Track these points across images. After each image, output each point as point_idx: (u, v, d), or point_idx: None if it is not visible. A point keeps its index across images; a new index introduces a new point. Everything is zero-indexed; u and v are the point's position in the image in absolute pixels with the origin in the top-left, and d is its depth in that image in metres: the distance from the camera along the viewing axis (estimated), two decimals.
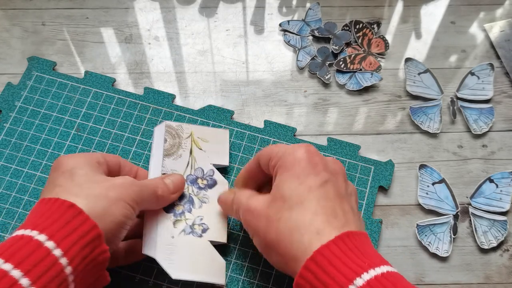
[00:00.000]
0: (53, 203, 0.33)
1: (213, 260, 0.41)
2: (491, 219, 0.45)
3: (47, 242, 0.30)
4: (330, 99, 0.52)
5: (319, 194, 0.34)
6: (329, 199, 0.34)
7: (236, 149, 0.48)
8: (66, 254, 0.31)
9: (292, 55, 0.54)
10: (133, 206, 0.36)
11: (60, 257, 0.30)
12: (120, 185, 0.36)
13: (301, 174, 0.35)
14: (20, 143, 0.47)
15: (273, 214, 0.35)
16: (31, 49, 0.53)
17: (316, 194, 0.34)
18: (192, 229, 0.42)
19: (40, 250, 0.30)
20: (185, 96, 0.51)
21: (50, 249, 0.30)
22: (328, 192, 0.34)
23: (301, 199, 0.34)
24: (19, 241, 0.30)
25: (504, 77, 0.53)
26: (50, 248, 0.30)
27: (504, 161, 0.49)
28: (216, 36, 0.55)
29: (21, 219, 0.44)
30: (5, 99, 0.50)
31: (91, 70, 0.52)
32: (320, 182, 0.35)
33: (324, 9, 0.57)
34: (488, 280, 0.43)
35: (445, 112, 0.51)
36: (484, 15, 0.57)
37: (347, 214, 0.34)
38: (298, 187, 0.34)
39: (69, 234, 0.31)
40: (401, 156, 0.49)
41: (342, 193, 0.35)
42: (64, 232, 0.31)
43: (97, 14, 0.56)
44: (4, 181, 0.46)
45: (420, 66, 0.53)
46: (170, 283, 0.42)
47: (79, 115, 0.49)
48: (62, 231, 0.31)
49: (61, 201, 0.33)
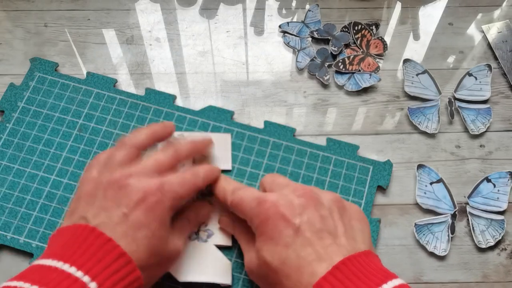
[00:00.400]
0: (103, 243, 0.33)
1: (219, 261, 0.42)
2: (488, 219, 0.46)
3: (91, 284, 0.30)
4: (329, 100, 0.52)
5: (298, 244, 0.34)
6: (309, 243, 0.34)
7: (236, 150, 0.48)
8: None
9: (292, 56, 0.55)
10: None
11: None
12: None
13: (275, 234, 0.35)
14: (23, 143, 0.48)
15: (265, 279, 0.36)
16: (33, 50, 0.54)
17: (295, 248, 0.34)
18: (197, 235, 0.43)
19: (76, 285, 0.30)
20: (186, 97, 0.52)
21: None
22: (305, 238, 0.34)
23: (282, 260, 0.34)
24: (59, 276, 0.30)
25: (501, 78, 0.54)
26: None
27: (501, 161, 0.49)
28: (216, 37, 0.55)
29: (23, 219, 0.45)
30: (8, 99, 0.50)
31: (93, 71, 0.52)
32: (293, 231, 0.34)
33: (323, 10, 0.57)
34: (485, 279, 0.44)
35: (443, 112, 0.51)
36: (481, 16, 0.57)
37: (331, 246, 0.34)
38: (275, 249, 0.35)
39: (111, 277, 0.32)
40: (400, 156, 0.49)
41: (321, 225, 0.35)
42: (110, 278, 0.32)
43: (99, 15, 0.56)
44: (7, 181, 0.46)
45: (418, 67, 0.53)
46: (171, 283, 0.42)
47: (81, 115, 0.49)
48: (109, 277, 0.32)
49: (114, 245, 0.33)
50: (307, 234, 0.34)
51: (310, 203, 0.36)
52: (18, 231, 0.44)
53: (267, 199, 0.36)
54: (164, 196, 0.36)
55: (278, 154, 0.48)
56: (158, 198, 0.36)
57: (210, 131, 0.49)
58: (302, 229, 0.34)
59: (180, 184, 0.38)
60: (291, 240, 0.34)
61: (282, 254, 0.34)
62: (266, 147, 0.48)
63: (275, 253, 0.34)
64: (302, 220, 0.35)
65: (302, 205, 0.36)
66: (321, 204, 0.36)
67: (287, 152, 0.48)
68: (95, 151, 0.48)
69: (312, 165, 0.48)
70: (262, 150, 0.48)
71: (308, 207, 0.36)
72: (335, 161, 0.48)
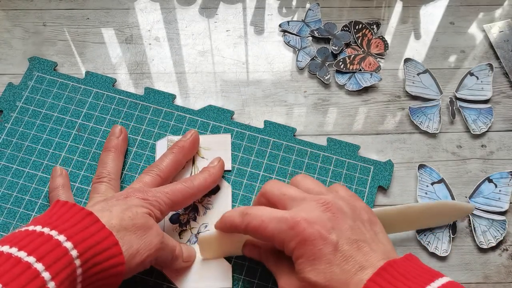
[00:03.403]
0: (70, 207, 0.34)
1: (219, 265, 0.42)
2: (490, 219, 0.46)
3: (65, 243, 0.32)
4: (330, 100, 0.52)
5: (340, 259, 0.34)
6: (349, 256, 0.34)
7: (236, 150, 0.48)
8: (80, 256, 0.32)
9: (292, 55, 0.54)
10: (155, 257, 0.38)
11: (75, 258, 0.32)
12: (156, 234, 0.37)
13: (316, 254, 0.34)
14: (21, 143, 0.48)
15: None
16: (32, 49, 0.53)
17: (338, 263, 0.34)
18: (197, 238, 0.43)
19: (59, 249, 0.31)
20: (186, 97, 0.51)
21: (68, 249, 0.31)
22: (345, 251, 0.34)
23: (328, 277, 0.34)
24: (39, 237, 0.31)
25: (503, 78, 0.53)
26: (68, 248, 0.31)
27: (503, 161, 0.49)
28: (216, 36, 0.55)
29: (22, 219, 0.44)
30: (6, 99, 0.50)
31: (92, 70, 0.52)
32: (333, 247, 0.34)
33: (324, 9, 0.57)
34: (487, 279, 0.44)
35: (444, 112, 0.51)
36: (483, 15, 0.57)
37: (369, 254, 0.34)
38: (319, 268, 0.34)
39: (86, 238, 0.33)
40: (401, 156, 0.49)
41: (355, 236, 0.35)
42: (81, 235, 0.33)
43: (98, 14, 0.56)
44: (5, 181, 0.46)
45: (419, 67, 0.53)
46: (170, 283, 0.42)
47: (80, 115, 0.49)
48: (81, 234, 0.33)
49: (80, 208, 0.34)
50: (346, 247, 0.34)
51: (338, 215, 0.36)
52: None
53: (298, 219, 0.35)
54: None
55: (278, 154, 0.48)
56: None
57: (210, 131, 0.49)
58: (340, 244, 0.34)
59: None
60: (333, 256, 0.34)
61: (327, 272, 0.34)
62: (266, 147, 0.48)
63: (320, 272, 0.34)
64: (337, 234, 0.35)
65: (330, 219, 0.35)
66: (346, 215, 0.36)
67: (287, 152, 0.48)
68: (94, 151, 0.47)
69: (313, 165, 0.47)
70: (262, 150, 0.48)
71: (337, 220, 0.35)
72: (335, 161, 0.48)
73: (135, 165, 0.47)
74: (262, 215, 0.36)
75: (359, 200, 0.39)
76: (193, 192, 0.41)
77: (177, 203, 0.40)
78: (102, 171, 0.43)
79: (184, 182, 0.41)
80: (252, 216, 0.37)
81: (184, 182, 0.41)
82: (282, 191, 0.38)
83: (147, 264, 0.37)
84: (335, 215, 0.36)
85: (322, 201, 0.36)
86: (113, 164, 0.44)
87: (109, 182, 0.42)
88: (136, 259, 0.35)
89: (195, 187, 0.41)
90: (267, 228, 0.36)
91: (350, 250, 0.34)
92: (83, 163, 0.47)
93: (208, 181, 0.43)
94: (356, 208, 0.37)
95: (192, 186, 0.41)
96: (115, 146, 0.45)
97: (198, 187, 0.42)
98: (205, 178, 0.43)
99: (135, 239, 0.35)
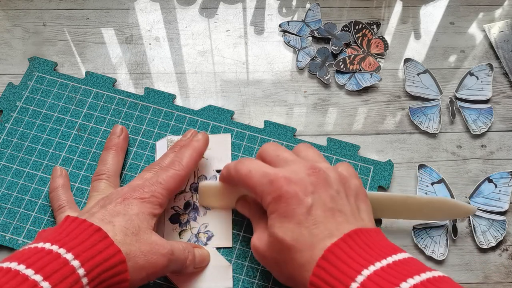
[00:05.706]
0: (79, 224, 0.35)
1: (219, 265, 0.42)
2: (490, 219, 0.46)
3: (73, 261, 0.32)
4: (330, 100, 0.52)
5: (311, 222, 0.34)
6: (321, 221, 0.34)
7: (236, 150, 0.48)
8: (88, 274, 0.32)
9: (292, 55, 0.54)
10: (163, 271, 0.38)
11: (82, 276, 0.32)
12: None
13: (288, 212, 0.35)
14: (21, 143, 0.48)
15: (275, 256, 0.36)
16: (32, 49, 0.53)
17: (307, 225, 0.34)
18: (197, 238, 0.43)
19: (67, 268, 0.31)
20: (186, 97, 0.51)
21: (75, 267, 0.32)
22: (317, 216, 0.35)
23: (295, 237, 0.34)
24: (47, 255, 0.32)
25: (503, 78, 0.53)
26: (75, 267, 0.32)
27: (503, 161, 0.49)
28: (216, 36, 0.55)
29: (22, 219, 0.44)
30: (6, 99, 0.50)
31: (92, 70, 0.52)
32: (306, 210, 0.35)
33: (324, 9, 0.57)
34: (487, 279, 0.44)
35: (444, 112, 0.51)
36: (483, 15, 0.57)
37: (342, 224, 0.35)
38: (288, 226, 0.35)
39: (93, 256, 0.33)
40: (401, 156, 0.49)
41: (332, 204, 0.35)
42: (89, 253, 0.33)
43: (98, 14, 0.56)
44: (5, 181, 0.46)
45: (419, 67, 0.53)
46: (170, 283, 0.42)
47: (80, 115, 0.49)
48: (88, 252, 0.33)
49: (89, 224, 0.35)
50: (319, 212, 0.35)
51: (321, 182, 0.36)
52: (17, 231, 0.44)
53: (279, 176, 0.36)
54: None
55: None
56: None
57: (210, 131, 0.49)
58: (314, 208, 0.35)
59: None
60: (304, 218, 0.34)
61: (295, 232, 0.34)
62: None
63: (288, 230, 0.35)
64: (314, 198, 0.35)
65: (313, 183, 0.36)
66: (330, 184, 0.36)
67: None
68: (94, 151, 0.47)
69: None
70: None
71: (319, 185, 0.36)
72: (335, 161, 0.48)
73: (135, 165, 0.47)
74: (251, 166, 0.38)
75: (356, 179, 0.39)
76: (184, 174, 0.41)
77: (172, 190, 0.40)
78: (101, 168, 0.44)
79: (173, 166, 0.41)
80: (243, 165, 0.38)
81: (173, 165, 0.41)
82: (277, 153, 0.39)
83: (152, 279, 0.37)
84: (318, 180, 0.36)
85: (310, 166, 0.37)
86: (113, 161, 0.44)
87: (108, 179, 0.43)
88: (142, 275, 0.36)
89: (185, 167, 0.41)
90: (252, 179, 0.37)
91: (322, 216, 0.34)
92: (83, 163, 0.47)
93: (194, 156, 0.43)
94: (346, 182, 0.38)
95: (181, 167, 0.41)
96: (116, 145, 0.45)
97: (187, 166, 0.42)
98: (191, 155, 0.42)
99: (141, 256, 0.35)
